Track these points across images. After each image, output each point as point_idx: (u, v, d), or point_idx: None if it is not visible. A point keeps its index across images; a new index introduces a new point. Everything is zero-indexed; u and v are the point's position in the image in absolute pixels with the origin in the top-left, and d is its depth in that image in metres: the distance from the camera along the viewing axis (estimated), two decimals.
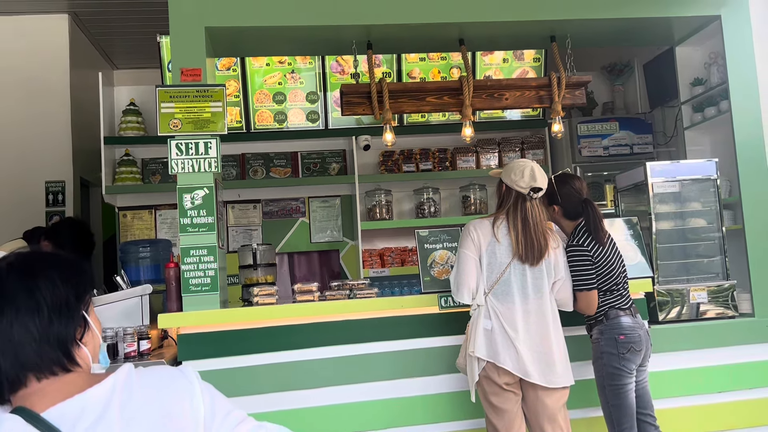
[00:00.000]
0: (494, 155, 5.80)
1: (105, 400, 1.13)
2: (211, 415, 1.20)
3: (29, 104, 5.52)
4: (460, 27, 4.08)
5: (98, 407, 1.12)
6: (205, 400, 1.20)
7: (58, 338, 1.18)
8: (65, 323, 1.19)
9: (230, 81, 5.42)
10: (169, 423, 1.15)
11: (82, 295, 1.24)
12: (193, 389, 1.21)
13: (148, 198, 5.47)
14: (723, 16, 4.23)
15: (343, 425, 3.42)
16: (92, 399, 1.13)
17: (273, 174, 5.65)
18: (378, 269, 5.42)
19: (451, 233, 3.76)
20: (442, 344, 3.53)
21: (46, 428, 1.08)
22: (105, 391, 1.15)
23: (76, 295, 1.23)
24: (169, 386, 1.20)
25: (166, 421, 1.15)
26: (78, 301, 1.23)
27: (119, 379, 1.17)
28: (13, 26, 5.59)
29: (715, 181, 4.14)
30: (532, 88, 4.25)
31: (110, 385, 1.16)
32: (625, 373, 3.10)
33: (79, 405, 1.12)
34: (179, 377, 1.22)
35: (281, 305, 3.56)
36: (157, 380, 1.20)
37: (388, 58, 5.60)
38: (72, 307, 1.21)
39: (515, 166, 3.07)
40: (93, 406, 1.12)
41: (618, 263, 3.25)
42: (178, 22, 3.66)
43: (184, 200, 3.54)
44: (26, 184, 5.47)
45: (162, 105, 3.57)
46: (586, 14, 4.07)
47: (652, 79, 5.68)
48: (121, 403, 1.14)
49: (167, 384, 1.20)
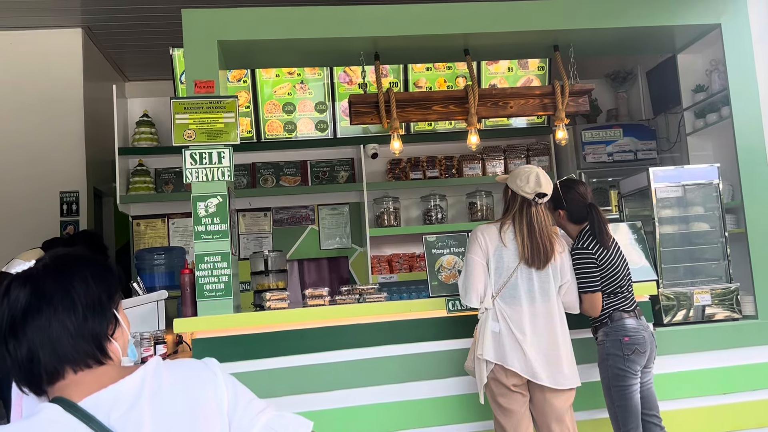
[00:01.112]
0: (500, 162, 5.88)
1: (136, 390, 1.21)
2: (234, 404, 1.28)
3: (44, 116, 5.65)
4: (465, 37, 4.18)
5: (130, 397, 1.20)
6: (228, 390, 1.28)
7: (92, 334, 1.26)
8: (98, 320, 1.28)
9: (241, 92, 5.53)
10: (196, 412, 1.23)
11: (112, 294, 1.33)
12: (216, 380, 1.29)
13: (161, 207, 5.58)
14: (723, 24, 4.31)
15: (354, 428, 3.49)
16: (124, 389, 1.21)
17: (283, 182, 5.75)
18: (386, 275, 5.50)
19: (458, 238, 3.84)
20: (450, 347, 3.60)
21: (83, 416, 1.16)
22: (136, 382, 1.22)
23: (108, 294, 1.31)
24: (194, 378, 1.28)
25: (193, 410, 1.23)
26: (109, 300, 1.31)
27: (149, 371, 1.25)
28: (28, 40, 5.73)
29: (717, 185, 4.21)
30: (536, 96, 4.33)
31: (140, 377, 1.23)
32: (630, 374, 3.16)
33: (112, 395, 1.20)
34: (203, 369, 1.30)
35: (293, 310, 3.65)
36: (183, 372, 1.28)
37: (395, 68, 5.70)
38: (104, 305, 1.30)
39: (521, 172, 3.14)
40: (125, 396, 1.20)
41: (622, 266, 3.32)
42: (191, 36, 3.78)
43: (198, 208, 3.64)
44: (41, 194, 5.58)
45: (176, 116, 3.67)
46: (588, 24, 4.16)
47: (654, 86, 5.75)
48: (151, 394, 1.22)
49: (193, 375, 1.28)
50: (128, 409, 1.18)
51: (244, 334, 3.52)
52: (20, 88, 5.66)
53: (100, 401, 1.18)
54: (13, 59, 5.71)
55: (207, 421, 1.23)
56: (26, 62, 5.71)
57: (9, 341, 1.22)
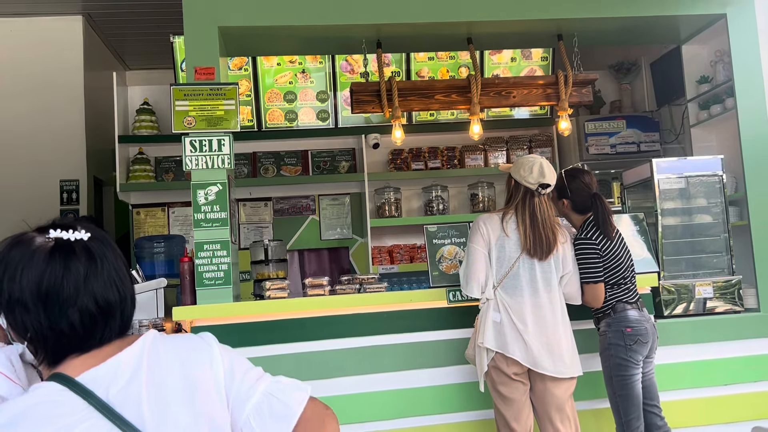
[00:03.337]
0: (502, 153, 5.86)
1: (135, 363, 1.19)
2: (230, 376, 1.26)
3: (44, 104, 5.62)
4: (468, 26, 4.14)
5: (128, 370, 1.17)
6: (224, 362, 1.26)
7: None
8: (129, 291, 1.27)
9: (242, 80, 5.50)
10: (194, 386, 1.21)
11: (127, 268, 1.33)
12: (212, 352, 1.27)
13: (161, 195, 5.56)
14: (729, 14, 4.27)
15: (354, 415, 3.48)
16: (123, 363, 1.18)
17: (284, 172, 5.73)
18: (387, 266, 5.49)
19: (460, 229, 3.82)
20: (450, 337, 3.59)
21: (82, 391, 1.13)
22: (134, 354, 1.20)
23: (126, 268, 1.31)
24: (191, 351, 1.26)
25: (191, 384, 1.21)
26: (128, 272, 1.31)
27: (146, 343, 1.22)
28: (28, 28, 5.70)
29: (720, 177, 4.18)
30: (540, 86, 4.30)
31: (138, 349, 1.21)
32: (631, 364, 3.14)
33: (111, 369, 1.17)
34: (199, 342, 1.29)
35: (293, 299, 3.64)
36: (180, 346, 1.26)
37: (398, 57, 5.67)
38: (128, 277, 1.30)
39: (524, 162, 3.12)
40: (124, 370, 1.17)
41: (626, 257, 3.30)
42: (192, 21, 3.75)
43: (198, 196, 3.62)
44: (41, 182, 5.56)
45: (176, 103, 3.65)
46: (592, 13, 4.13)
47: (658, 78, 5.72)
48: (149, 367, 1.19)
49: (190, 349, 1.26)
50: (127, 383, 1.16)
51: (244, 322, 3.50)
52: (20, 75, 5.63)
53: (99, 376, 1.16)
54: (14, 46, 5.68)
55: (205, 395, 1.22)
56: (26, 49, 5.68)
57: (68, 307, 1.16)
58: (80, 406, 1.11)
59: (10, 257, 1.18)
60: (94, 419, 1.11)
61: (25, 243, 1.19)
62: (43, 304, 1.15)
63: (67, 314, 1.16)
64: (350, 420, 3.47)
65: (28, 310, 1.15)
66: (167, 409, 1.17)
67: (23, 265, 1.16)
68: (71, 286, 1.16)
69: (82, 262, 1.18)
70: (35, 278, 1.15)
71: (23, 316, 1.16)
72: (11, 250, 1.18)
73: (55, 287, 1.15)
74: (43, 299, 1.15)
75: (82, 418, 1.11)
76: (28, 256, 1.17)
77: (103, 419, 1.11)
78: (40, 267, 1.16)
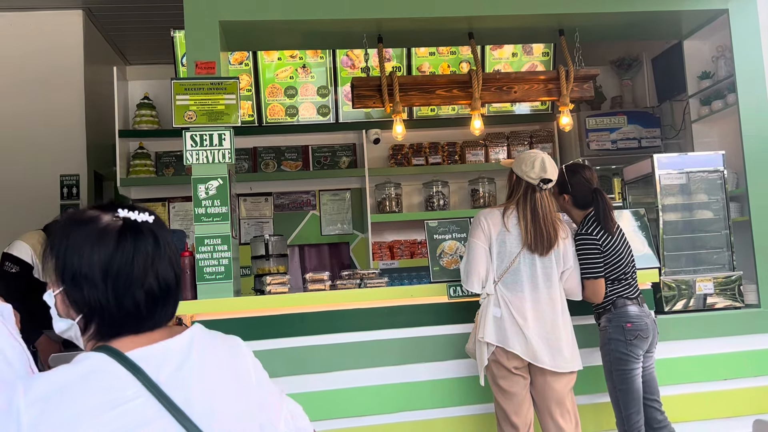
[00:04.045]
0: (503, 149, 5.85)
1: (185, 350, 1.19)
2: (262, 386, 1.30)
3: (44, 99, 5.60)
4: (469, 20, 4.14)
5: (179, 356, 1.18)
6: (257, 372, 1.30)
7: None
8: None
9: (242, 75, 5.49)
10: (240, 383, 1.24)
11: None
12: (251, 358, 1.30)
13: (161, 190, 5.56)
14: (730, 9, 4.27)
15: (354, 409, 3.49)
16: (173, 348, 1.18)
17: (284, 167, 5.72)
18: (387, 261, 5.48)
19: (460, 224, 3.82)
20: (451, 332, 3.59)
21: (131, 366, 1.12)
22: (184, 342, 1.20)
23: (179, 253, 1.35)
24: (236, 350, 1.29)
25: (237, 381, 1.23)
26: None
27: (195, 335, 1.23)
28: (28, 22, 5.68)
29: (722, 173, 4.17)
30: (541, 81, 4.30)
31: (188, 338, 1.21)
32: (632, 358, 3.14)
33: (161, 351, 1.17)
34: (241, 343, 1.31)
35: (293, 294, 3.64)
36: (225, 343, 1.28)
37: (398, 52, 5.66)
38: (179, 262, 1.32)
39: (526, 157, 3.11)
40: (174, 355, 1.17)
41: (626, 253, 3.30)
42: (192, 16, 3.74)
43: (198, 191, 3.61)
44: (41, 177, 5.55)
45: (177, 97, 3.64)
46: (594, 8, 4.12)
47: (660, 73, 5.71)
48: (199, 355, 1.20)
49: (234, 347, 1.29)
50: (177, 367, 1.16)
51: (245, 317, 3.50)
52: (20, 70, 5.61)
53: (148, 355, 1.15)
54: (14, 41, 5.66)
55: (249, 393, 1.24)
56: (26, 44, 5.67)
57: (136, 286, 1.18)
58: (130, 383, 1.11)
59: (76, 234, 1.18)
60: (143, 398, 1.10)
61: (91, 221, 1.19)
62: (113, 281, 1.16)
63: (133, 293, 1.17)
64: (351, 414, 3.48)
65: (95, 286, 1.16)
66: (216, 399, 1.18)
67: (92, 243, 1.17)
68: (140, 265, 1.18)
69: (150, 243, 1.20)
70: (106, 256, 1.16)
71: (89, 291, 1.16)
72: (77, 228, 1.19)
73: (125, 266, 1.17)
74: (114, 277, 1.16)
75: (133, 395, 1.10)
76: (97, 233, 1.18)
77: (152, 399, 1.10)
78: (111, 245, 1.17)
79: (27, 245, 3.90)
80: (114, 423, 1.06)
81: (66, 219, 1.22)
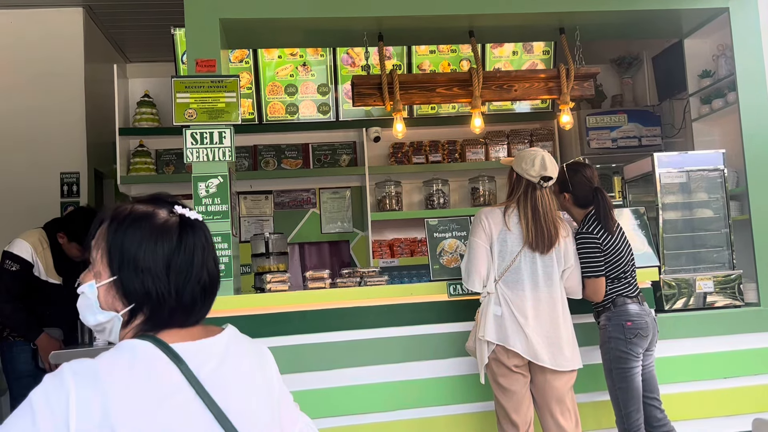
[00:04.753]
0: (503, 147, 5.85)
1: (222, 350, 1.22)
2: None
3: (44, 96, 5.60)
4: (470, 18, 4.13)
5: (217, 355, 1.21)
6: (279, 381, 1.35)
7: None
8: None
9: (243, 73, 5.48)
10: (268, 391, 1.27)
11: None
12: (275, 367, 1.36)
13: (161, 188, 5.35)
14: (731, 8, 4.26)
15: (354, 407, 3.49)
16: (213, 346, 1.22)
17: (284, 165, 5.72)
18: (387, 259, 5.49)
19: (461, 222, 3.82)
20: (451, 330, 3.59)
21: (174, 356, 1.14)
22: (222, 342, 1.24)
23: None
24: (264, 359, 1.33)
25: (268, 385, 1.28)
26: None
27: (231, 336, 1.27)
28: (29, 19, 5.67)
29: (722, 171, 4.17)
30: (541, 80, 4.30)
31: (225, 338, 1.25)
32: (631, 356, 3.15)
33: (201, 348, 1.20)
34: (269, 353, 1.37)
35: (294, 292, 3.64)
36: (256, 349, 1.33)
37: (399, 50, 5.66)
38: None
39: (526, 155, 3.11)
40: (213, 353, 1.20)
41: (626, 252, 3.30)
42: (193, 13, 3.74)
43: (199, 189, 3.62)
44: (41, 175, 5.54)
45: (177, 95, 3.64)
46: (594, 6, 4.12)
47: (660, 72, 5.70)
48: (236, 357, 1.24)
49: (264, 356, 1.34)
50: (216, 366, 1.18)
51: (245, 315, 3.51)
52: (20, 67, 5.60)
53: (192, 350, 1.18)
54: (14, 38, 5.66)
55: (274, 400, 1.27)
56: (27, 41, 5.66)
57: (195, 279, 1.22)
58: (174, 374, 1.13)
59: (136, 228, 1.21)
60: (186, 392, 1.12)
61: (148, 216, 1.23)
62: (175, 275, 1.20)
63: (192, 287, 1.22)
64: (351, 411, 3.48)
65: (158, 278, 1.19)
66: (251, 402, 1.21)
67: (155, 237, 1.20)
68: (198, 259, 1.23)
69: (203, 239, 1.26)
70: (168, 251, 1.20)
71: (152, 283, 1.19)
72: (135, 222, 1.22)
73: (187, 261, 1.21)
74: (176, 271, 1.20)
75: (176, 387, 1.12)
76: (158, 229, 1.22)
77: (193, 393, 1.12)
78: (174, 241, 1.21)
79: (27, 243, 3.90)
80: (159, 412, 1.09)
81: (118, 213, 1.24)
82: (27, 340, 3.88)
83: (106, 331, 1.24)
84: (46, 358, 3.68)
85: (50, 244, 3.96)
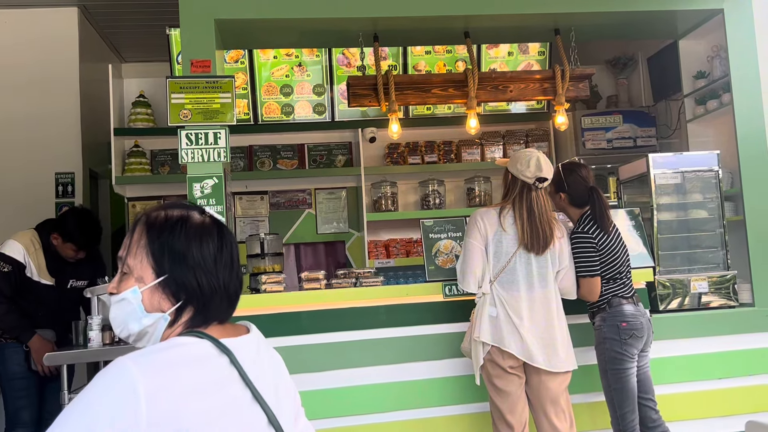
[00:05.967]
0: (499, 148, 5.85)
1: (254, 347, 1.30)
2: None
3: (39, 96, 5.58)
4: (465, 19, 4.14)
5: (252, 351, 1.28)
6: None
7: None
8: None
9: (238, 73, 5.47)
10: (289, 383, 1.37)
11: None
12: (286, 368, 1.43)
13: (156, 189, 5.54)
14: (726, 9, 4.28)
15: (349, 408, 3.49)
16: (249, 342, 1.29)
17: (280, 166, 5.72)
18: (383, 260, 5.48)
19: (456, 223, 3.82)
20: (446, 331, 3.59)
21: (223, 349, 1.21)
22: (254, 339, 1.32)
23: None
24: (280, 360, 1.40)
25: (289, 382, 1.37)
26: None
27: (257, 334, 1.35)
28: (23, 19, 5.65)
29: (716, 172, 4.18)
30: (537, 81, 4.30)
31: (255, 336, 1.34)
32: (626, 357, 3.15)
33: (241, 343, 1.26)
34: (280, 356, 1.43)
35: (289, 293, 3.64)
36: (273, 350, 1.39)
37: (394, 51, 5.65)
38: None
39: (521, 156, 3.11)
40: (251, 348, 1.28)
41: (622, 252, 3.31)
42: (188, 14, 3.73)
43: (194, 189, 3.61)
44: (36, 175, 5.52)
45: (172, 96, 3.64)
46: (589, 7, 4.13)
47: (655, 73, 5.72)
48: (265, 352, 1.32)
49: (278, 358, 1.40)
50: (253, 361, 1.25)
51: (240, 316, 3.48)
52: (15, 67, 5.58)
53: (235, 346, 1.24)
54: (8, 38, 5.64)
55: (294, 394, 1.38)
56: (21, 41, 5.64)
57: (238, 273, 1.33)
58: (226, 368, 1.20)
59: (179, 229, 1.28)
60: (236, 385, 1.19)
61: (186, 218, 1.31)
62: (223, 270, 1.29)
63: (235, 281, 1.32)
64: (346, 413, 3.48)
65: (209, 272, 1.27)
66: (279, 395, 1.29)
67: (199, 236, 1.29)
68: (235, 255, 1.34)
69: (233, 238, 1.36)
70: (214, 248, 1.29)
71: (202, 277, 1.26)
72: (176, 224, 1.29)
73: (229, 257, 1.31)
74: (223, 266, 1.29)
75: (228, 380, 1.19)
76: (200, 228, 1.30)
77: (245, 390, 1.20)
78: (216, 239, 1.30)
79: (20, 244, 3.88)
80: (219, 402, 1.16)
81: (154, 219, 1.29)
82: (19, 342, 3.86)
83: (148, 335, 1.27)
84: (39, 359, 3.66)
85: (42, 245, 3.94)
